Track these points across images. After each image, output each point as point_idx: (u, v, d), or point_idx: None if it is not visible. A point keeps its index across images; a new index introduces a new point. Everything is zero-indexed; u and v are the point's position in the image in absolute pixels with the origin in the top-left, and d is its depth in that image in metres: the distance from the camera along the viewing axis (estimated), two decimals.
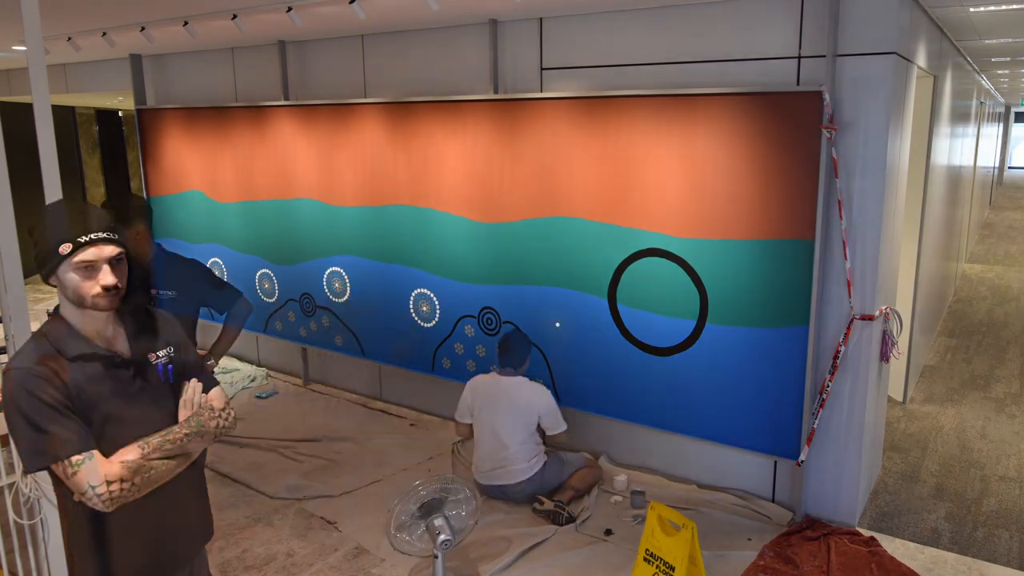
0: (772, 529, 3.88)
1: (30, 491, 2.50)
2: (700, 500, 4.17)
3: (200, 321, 3.91)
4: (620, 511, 4.10)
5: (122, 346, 2.00)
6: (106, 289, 1.87)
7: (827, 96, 3.48)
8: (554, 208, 4.39)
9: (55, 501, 2.38)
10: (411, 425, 5.33)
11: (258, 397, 5.91)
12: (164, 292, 3.58)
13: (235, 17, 4.55)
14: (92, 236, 1.87)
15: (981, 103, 10.90)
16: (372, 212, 5.24)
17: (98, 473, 1.81)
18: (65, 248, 1.85)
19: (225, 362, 6.66)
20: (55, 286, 1.91)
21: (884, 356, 3.96)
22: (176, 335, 2.14)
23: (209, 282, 3.81)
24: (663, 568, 3.10)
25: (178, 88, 6.64)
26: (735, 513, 4.04)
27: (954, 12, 4.76)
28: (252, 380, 6.26)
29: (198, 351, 2.52)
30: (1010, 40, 6.30)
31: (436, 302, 5.05)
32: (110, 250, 1.89)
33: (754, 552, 3.66)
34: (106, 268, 1.88)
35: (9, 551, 2.96)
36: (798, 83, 3.71)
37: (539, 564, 3.60)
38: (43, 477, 2.47)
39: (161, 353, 2.07)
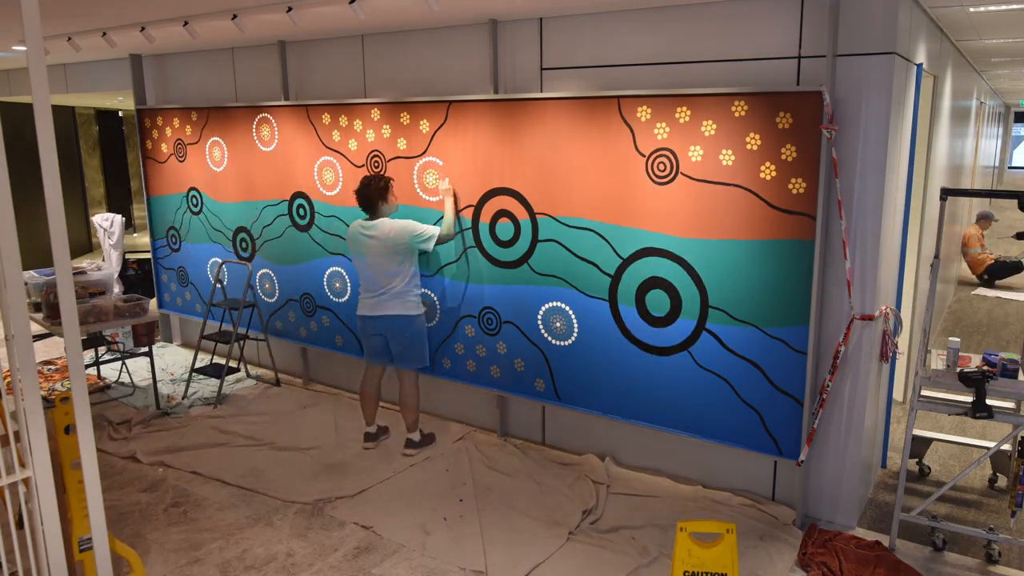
0: (782, 528, 3.88)
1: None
2: (708, 501, 4.17)
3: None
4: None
5: None
6: None
7: (827, 96, 3.48)
8: (554, 208, 4.39)
9: (55, 501, 2.37)
10: None
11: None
12: None
13: (235, 17, 4.55)
14: None
15: (981, 103, 10.90)
16: None
17: None
18: None
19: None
20: None
21: (884, 356, 3.96)
22: None
23: None
24: None
25: (178, 88, 6.65)
26: (743, 514, 4.03)
27: (954, 12, 4.76)
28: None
29: None
30: (1010, 40, 6.30)
31: (437, 302, 5.05)
32: None
33: (767, 553, 3.67)
34: None
35: (9, 551, 2.96)
36: (798, 83, 3.70)
37: None
38: (42, 477, 2.47)
39: None
